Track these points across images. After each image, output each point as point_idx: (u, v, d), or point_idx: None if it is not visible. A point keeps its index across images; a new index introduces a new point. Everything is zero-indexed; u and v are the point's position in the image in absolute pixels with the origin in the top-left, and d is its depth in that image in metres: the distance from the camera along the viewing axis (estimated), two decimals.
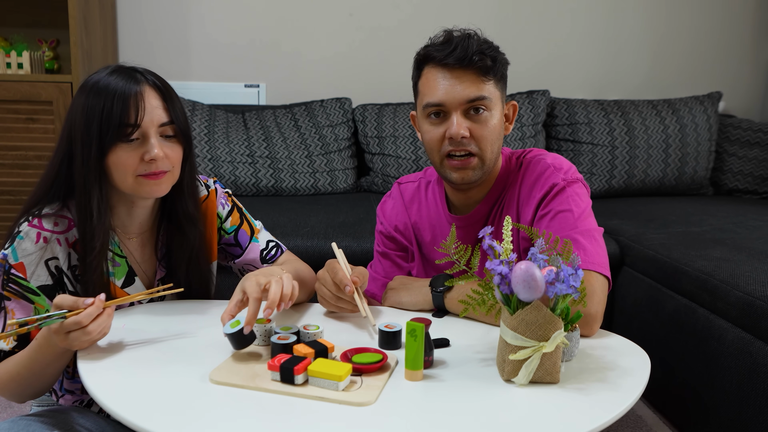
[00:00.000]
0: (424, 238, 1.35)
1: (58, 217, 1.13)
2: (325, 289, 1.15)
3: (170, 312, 1.19)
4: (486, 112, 1.19)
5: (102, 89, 1.08)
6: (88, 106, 1.08)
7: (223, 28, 2.92)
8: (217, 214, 1.32)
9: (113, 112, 1.06)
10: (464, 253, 1.01)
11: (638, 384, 0.93)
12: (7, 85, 2.33)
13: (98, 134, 1.07)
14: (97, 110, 1.06)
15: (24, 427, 0.97)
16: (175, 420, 0.81)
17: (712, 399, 1.64)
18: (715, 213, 2.39)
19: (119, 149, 1.08)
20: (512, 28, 3.02)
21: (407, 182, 1.42)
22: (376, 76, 3.01)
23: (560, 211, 1.18)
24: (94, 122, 1.06)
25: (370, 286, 1.38)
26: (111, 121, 1.06)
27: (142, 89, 1.09)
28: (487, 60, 1.18)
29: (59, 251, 1.12)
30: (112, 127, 1.06)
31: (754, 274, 1.64)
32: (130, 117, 1.06)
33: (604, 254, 1.15)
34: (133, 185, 1.10)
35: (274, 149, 2.60)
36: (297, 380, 0.88)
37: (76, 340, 0.97)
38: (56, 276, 1.12)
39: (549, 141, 2.83)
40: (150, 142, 1.09)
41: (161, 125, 1.10)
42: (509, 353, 0.89)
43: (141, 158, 1.09)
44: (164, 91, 1.12)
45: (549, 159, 1.25)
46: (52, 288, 1.12)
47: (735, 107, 3.22)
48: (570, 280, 0.87)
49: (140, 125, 1.08)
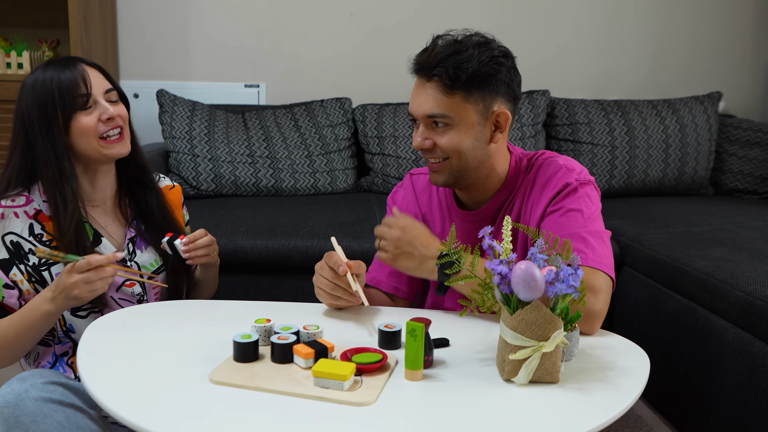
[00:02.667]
0: (434, 230, 1.36)
1: (17, 195, 1.25)
2: (322, 277, 1.16)
3: (170, 312, 1.19)
4: (448, 127, 1.18)
5: (47, 79, 1.22)
6: (37, 95, 1.21)
7: (223, 28, 2.92)
8: (183, 205, 1.50)
9: (64, 88, 1.21)
10: (464, 253, 1.01)
11: (638, 384, 0.93)
12: (7, 85, 2.33)
13: (60, 110, 1.21)
14: (49, 94, 1.21)
15: (57, 374, 1.04)
16: (175, 420, 0.81)
17: (712, 399, 1.64)
18: (715, 213, 2.39)
19: (77, 117, 1.22)
20: (512, 28, 3.02)
21: (419, 174, 1.43)
22: (376, 76, 3.01)
23: (571, 210, 1.19)
24: (49, 104, 1.21)
25: (377, 273, 1.39)
26: (66, 96, 1.21)
27: (81, 67, 1.25)
28: (446, 74, 1.14)
29: (17, 224, 1.23)
30: (68, 100, 1.21)
31: (754, 274, 1.64)
32: (80, 88, 1.22)
33: (610, 256, 1.16)
34: (98, 148, 1.24)
35: (274, 149, 2.60)
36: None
37: (88, 279, 1.12)
38: (12, 251, 1.22)
39: (549, 141, 2.83)
40: (102, 104, 1.24)
41: (107, 91, 1.26)
42: (509, 353, 0.90)
43: (98, 119, 1.23)
44: (97, 66, 1.28)
45: (561, 161, 1.26)
46: (8, 262, 1.22)
47: (735, 107, 3.22)
48: (570, 280, 0.87)
49: (90, 93, 1.23)
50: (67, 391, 0.99)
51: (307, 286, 1.33)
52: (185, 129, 2.56)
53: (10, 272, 1.22)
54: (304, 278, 1.66)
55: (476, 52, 1.15)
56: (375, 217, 2.26)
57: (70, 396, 0.99)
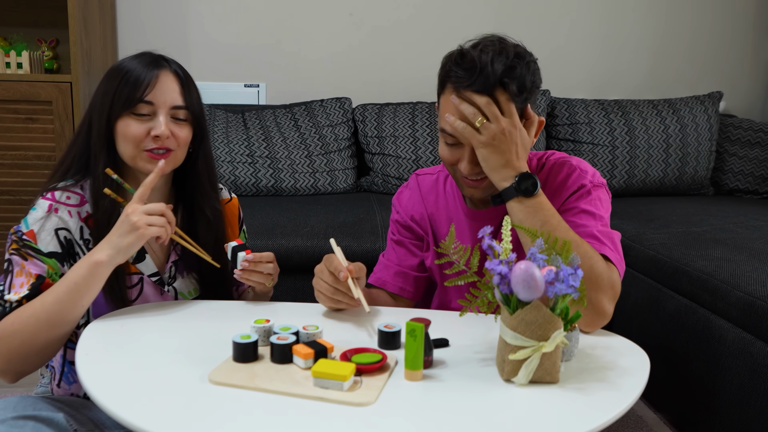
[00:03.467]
0: (440, 231, 1.35)
1: (71, 192, 1.19)
2: (322, 281, 1.15)
3: (170, 312, 1.19)
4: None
5: (124, 68, 1.17)
6: (109, 81, 1.17)
7: (223, 28, 2.92)
8: (239, 218, 1.42)
9: (128, 85, 1.15)
10: (464, 253, 1.01)
11: (638, 384, 0.92)
12: (7, 85, 2.33)
13: (110, 104, 1.16)
14: (116, 83, 1.16)
15: (32, 403, 0.99)
16: (175, 420, 0.81)
17: (713, 399, 1.63)
18: (715, 213, 2.39)
19: (128, 119, 1.16)
20: (512, 28, 2.99)
21: (425, 174, 1.42)
22: (376, 76, 3.01)
23: (585, 211, 1.20)
24: (110, 94, 1.16)
25: (382, 273, 1.38)
26: (123, 92, 1.15)
27: (160, 72, 1.18)
28: (510, 87, 1.09)
29: (70, 222, 1.17)
30: (122, 98, 1.15)
31: (754, 274, 1.64)
32: (139, 91, 1.15)
33: (622, 258, 1.18)
34: (134, 156, 1.17)
35: (274, 149, 2.60)
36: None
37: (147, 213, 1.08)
38: (65, 246, 1.16)
39: (549, 141, 2.83)
40: (158, 119, 1.16)
41: (174, 107, 1.18)
42: (509, 353, 0.89)
43: (147, 133, 1.16)
44: (183, 78, 1.22)
45: (574, 162, 1.26)
46: (61, 256, 1.16)
47: (735, 107, 3.22)
48: (569, 280, 0.87)
49: (152, 102, 1.16)
50: (39, 424, 0.95)
51: (307, 287, 1.33)
52: None
53: (63, 267, 1.16)
54: (303, 278, 1.65)
55: (523, 62, 1.11)
56: (375, 217, 2.25)
57: (42, 429, 0.94)
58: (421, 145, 2.67)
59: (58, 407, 1.02)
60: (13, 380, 1.11)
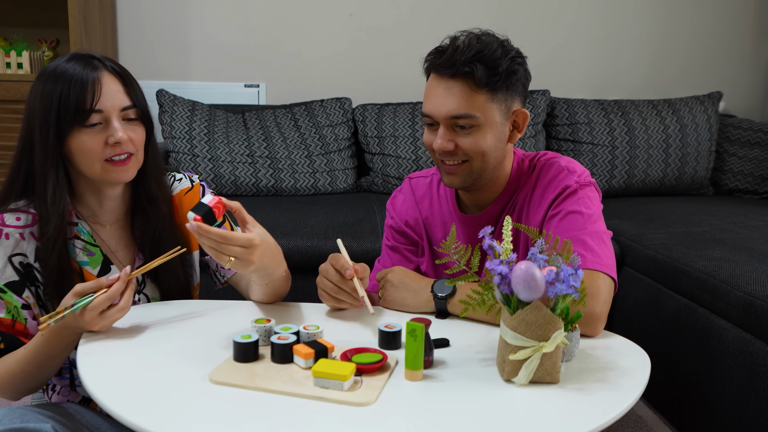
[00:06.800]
0: (435, 235, 1.35)
1: (21, 212, 1.12)
2: (327, 280, 1.15)
3: (170, 312, 1.19)
4: (473, 128, 1.16)
5: (59, 75, 1.08)
6: (45, 92, 1.08)
7: (223, 28, 2.92)
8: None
9: (70, 97, 1.06)
10: (464, 253, 1.01)
11: (638, 384, 0.92)
12: (7, 85, 2.33)
13: (56, 119, 1.07)
14: (55, 96, 1.07)
15: (20, 415, 0.97)
16: (175, 420, 0.81)
17: (713, 399, 1.63)
18: (715, 213, 2.39)
19: (81, 134, 1.09)
20: (512, 28, 2.99)
21: (418, 177, 1.42)
22: (376, 76, 3.01)
23: (570, 212, 1.18)
24: (52, 108, 1.07)
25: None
26: (68, 106, 1.07)
27: (99, 75, 1.09)
28: (476, 72, 1.12)
29: (25, 246, 1.11)
30: (69, 112, 1.07)
31: (754, 274, 1.64)
32: (86, 102, 1.07)
33: (611, 256, 1.15)
34: (101, 171, 1.11)
35: (274, 149, 2.60)
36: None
37: (110, 317, 1.02)
38: (22, 272, 1.11)
39: (549, 141, 2.83)
40: (113, 125, 1.09)
41: (123, 109, 1.11)
42: (509, 353, 0.89)
43: (105, 142, 1.09)
44: (123, 75, 1.13)
45: (563, 162, 1.25)
46: (19, 284, 1.11)
47: (735, 107, 3.22)
48: (570, 280, 0.87)
49: (101, 110, 1.08)
50: None
51: (307, 287, 1.33)
52: (185, 129, 2.56)
53: (23, 294, 1.12)
54: (303, 278, 1.65)
55: (501, 51, 1.14)
56: (375, 216, 2.25)
57: None
58: (421, 145, 2.67)
59: (47, 417, 0.99)
60: (16, 399, 1.13)
